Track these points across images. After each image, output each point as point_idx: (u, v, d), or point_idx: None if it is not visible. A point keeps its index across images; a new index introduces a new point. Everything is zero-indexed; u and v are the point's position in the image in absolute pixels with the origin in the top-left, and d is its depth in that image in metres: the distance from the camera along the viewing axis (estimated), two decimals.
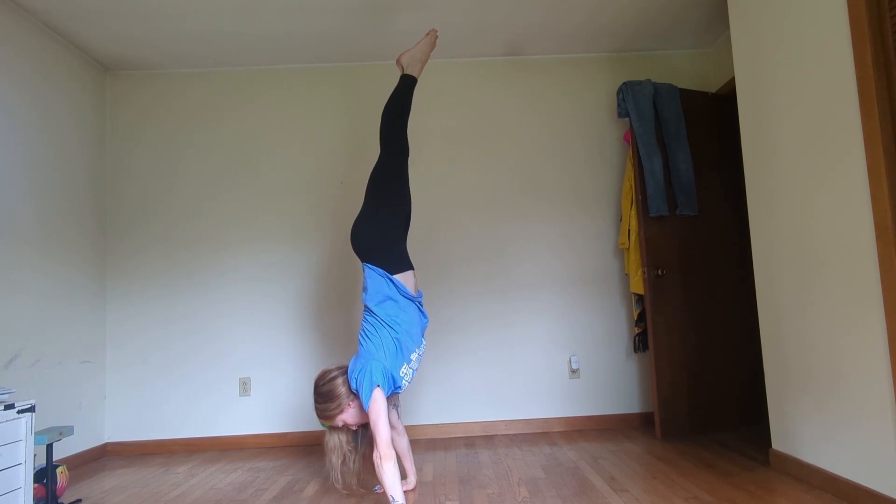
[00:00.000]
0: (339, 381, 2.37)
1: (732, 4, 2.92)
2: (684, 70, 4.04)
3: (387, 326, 2.39)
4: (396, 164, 2.65)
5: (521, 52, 3.96)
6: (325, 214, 3.88)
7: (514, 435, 3.70)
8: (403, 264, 2.51)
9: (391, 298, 2.43)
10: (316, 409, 2.39)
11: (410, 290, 2.49)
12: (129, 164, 3.89)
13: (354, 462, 2.42)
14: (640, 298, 3.65)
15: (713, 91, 3.90)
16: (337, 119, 3.95)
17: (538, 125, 3.97)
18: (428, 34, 2.86)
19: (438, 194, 3.89)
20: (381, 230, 2.53)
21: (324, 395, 2.36)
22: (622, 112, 3.55)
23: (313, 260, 3.85)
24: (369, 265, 2.47)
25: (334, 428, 2.40)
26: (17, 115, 3.09)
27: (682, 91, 3.61)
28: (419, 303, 2.52)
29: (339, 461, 2.37)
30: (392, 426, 2.50)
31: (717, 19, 3.62)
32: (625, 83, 3.54)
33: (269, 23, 3.40)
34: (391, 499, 2.19)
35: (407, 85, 2.75)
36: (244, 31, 3.48)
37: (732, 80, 3.58)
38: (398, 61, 2.82)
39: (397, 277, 2.46)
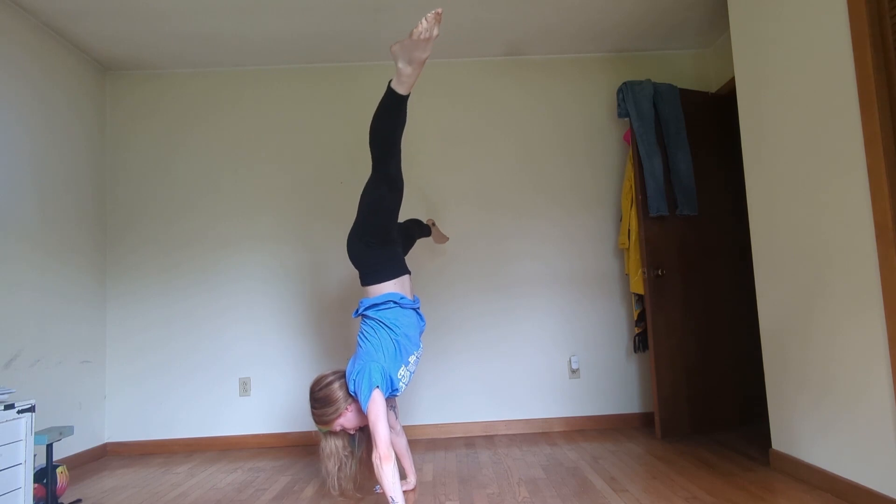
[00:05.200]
0: (336, 384, 2.35)
1: (732, 4, 2.92)
2: (684, 70, 4.03)
3: (386, 328, 2.37)
4: (389, 198, 2.37)
5: (523, 52, 3.95)
6: (325, 214, 3.87)
7: (514, 435, 3.69)
8: (397, 270, 2.45)
9: (393, 301, 2.41)
10: (313, 414, 2.36)
11: (406, 294, 2.46)
12: (130, 163, 3.89)
13: (351, 467, 2.39)
14: (640, 298, 3.65)
15: (713, 91, 3.89)
16: (337, 119, 3.94)
17: (538, 125, 3.97)
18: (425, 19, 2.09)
19: (438, 193, 3.89)
20: (366, 243, 2.42)
21: (321, 401, 2.33)
22: (622, 112, 3.55)
23: (314, 259, 3.85)
24: (366, 309, 2.42)
25: (331, 433, 2.38)
26: (19, 114, 3.09)
27: (682, 91, 3.60)
28: (416, 308, 2.50)
29: (336, 467, 2.35)
30: (390, 426, 2.49)
31: (717, 19, 3.62)
32: (625, 83, 3.54)
33: (268, 23, 3.40)
34: (391, 500, 2.18)
35: (389, 102, 2.22)
36: (243, 31, 3.48)
37: (732, 80, 3.57)
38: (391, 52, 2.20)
39: (393, 283, 2.42)
